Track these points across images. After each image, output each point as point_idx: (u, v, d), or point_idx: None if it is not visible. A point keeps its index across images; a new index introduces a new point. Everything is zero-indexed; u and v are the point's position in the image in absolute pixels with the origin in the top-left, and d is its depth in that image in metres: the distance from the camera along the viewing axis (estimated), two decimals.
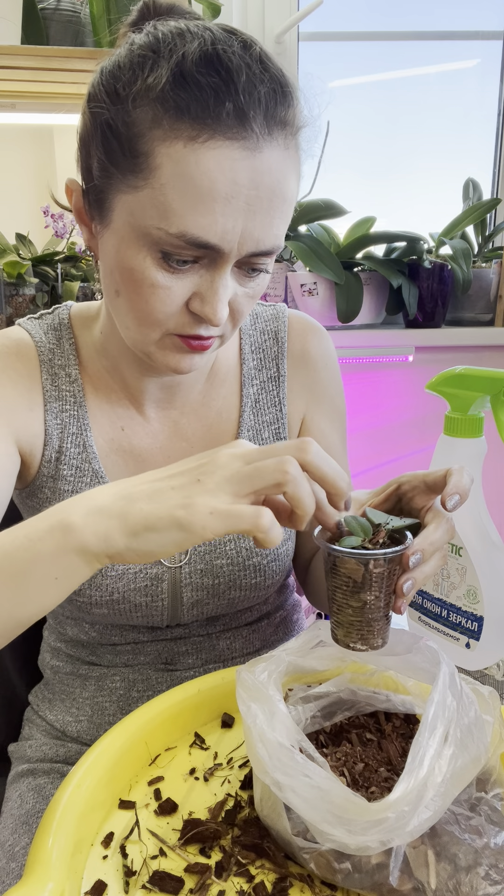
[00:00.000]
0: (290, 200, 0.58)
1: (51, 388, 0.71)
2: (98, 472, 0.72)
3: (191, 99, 0.52)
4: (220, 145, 0.53)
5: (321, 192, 1.53)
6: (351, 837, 0.41)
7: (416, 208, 1.80)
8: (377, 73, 1.75)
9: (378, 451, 1.68)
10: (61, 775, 0.75)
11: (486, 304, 1.66)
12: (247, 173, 0.54)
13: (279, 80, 0.55)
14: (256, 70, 0.54)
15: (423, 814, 0.41)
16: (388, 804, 0.41)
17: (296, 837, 0.45)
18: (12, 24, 1.35)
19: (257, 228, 0.56)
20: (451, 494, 0.51)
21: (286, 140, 0.56)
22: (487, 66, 1.74)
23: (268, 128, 0.54)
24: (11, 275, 1.39)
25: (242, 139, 0.53)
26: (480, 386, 0.64)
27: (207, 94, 0.52)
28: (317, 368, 0.80)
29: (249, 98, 0.53)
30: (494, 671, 0.69)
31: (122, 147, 0.55)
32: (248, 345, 0.78)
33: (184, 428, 0.75)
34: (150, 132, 0.53)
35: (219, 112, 0.52)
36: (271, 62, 0.56)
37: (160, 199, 0.54)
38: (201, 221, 0.54)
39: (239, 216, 0.54)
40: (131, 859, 0.48)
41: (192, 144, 0.53)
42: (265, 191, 0.55)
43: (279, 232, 0.58)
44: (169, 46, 0.54)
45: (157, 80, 0.53)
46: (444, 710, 0.45)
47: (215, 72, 0.53)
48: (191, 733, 0.61)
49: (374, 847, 0.41)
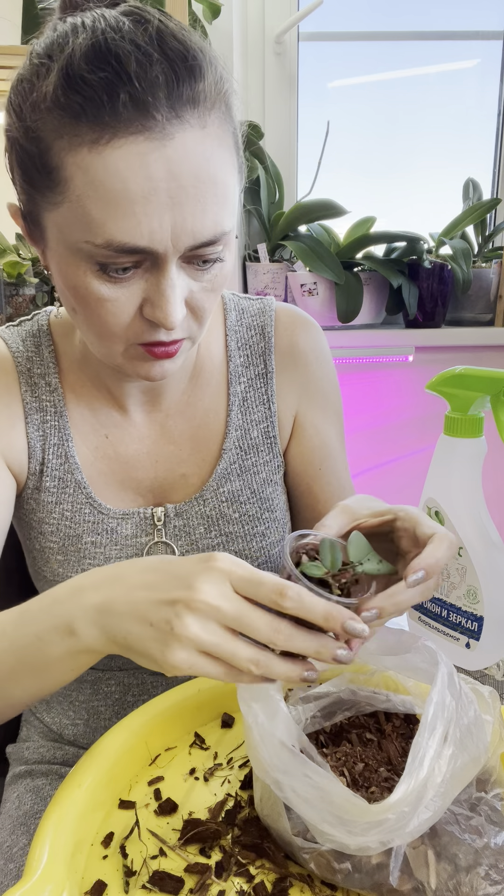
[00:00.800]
0: (222, 180, 0.53)
1: (31, 400, 0.70)
2: (81, 483, 0.71)
3: (84, 100, 0.49)
4: (125, 142, 0.49)
5: (321, 192, 1.53)
6: (351, 838, 0.41)
7: (416, 208, 1.80)
8: (377, 73, 1.75)
9: (378, 451, 1.68)
10: (59, 776, 0.75)
11: (486, 304, 1.66)
12: (160, 164, 0.50)
13: (180, 55, 0.50)
14: (150, 50, 0.49)
15: (422, 814, 0.41)
16: (388, 806, 0.41)
17: (296, 837, 0.45)
18: (12, 24, 1.34)
19: (188, 220, 0.52)
20: (416, 570, 0.46)
21: (201, 118, 0.51)
22: (487, 66, 1.74)
23: (175, 111, 0.50)
24: (11, 275, 1.39)
25: (147, 130, 0.49)
26: (480, 386, 0.64)
27: (100, 90, 0.48)
28: (307, 363, 0.77)
29: (145, 84, 0.48)
30: (494, 671, 0.69)
31: (34, 165, 0.52)
32: (234, 341, 0.76)
33: (171, 430, 0.74)
34: (56, 143, 0.50)
35: (115, 107, 0.48)
36: (172, 35, 0.50)
37: (79, 212, 0.51)
38: (124, 226, 0.50)
39: (164, 212, 0.51)
40: (131, 859, 0.48)
41: (96, 148, 0.49)
42: (187, 178, 0.51)
43: (218, 218, 0.53)
44: (60, 47, 0.50)
45: (48, 87, 0.50)
46: (444, 711, 0.44)
47: (105, 63, 0.48)
48: (191, 733, 0.61)
49: (374, 847, 0.41)
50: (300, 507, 0.80)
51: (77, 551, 0.70)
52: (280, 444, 0.77)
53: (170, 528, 0.72)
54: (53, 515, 0.71)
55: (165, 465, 0.73)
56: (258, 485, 0.74)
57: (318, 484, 0.77)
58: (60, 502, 0.71)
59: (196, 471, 0.74)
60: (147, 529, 0.72)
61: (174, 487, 0.73)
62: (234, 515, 0.73)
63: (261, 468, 0.75)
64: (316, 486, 0.77)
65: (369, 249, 1.58)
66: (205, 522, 0.72)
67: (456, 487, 0.66)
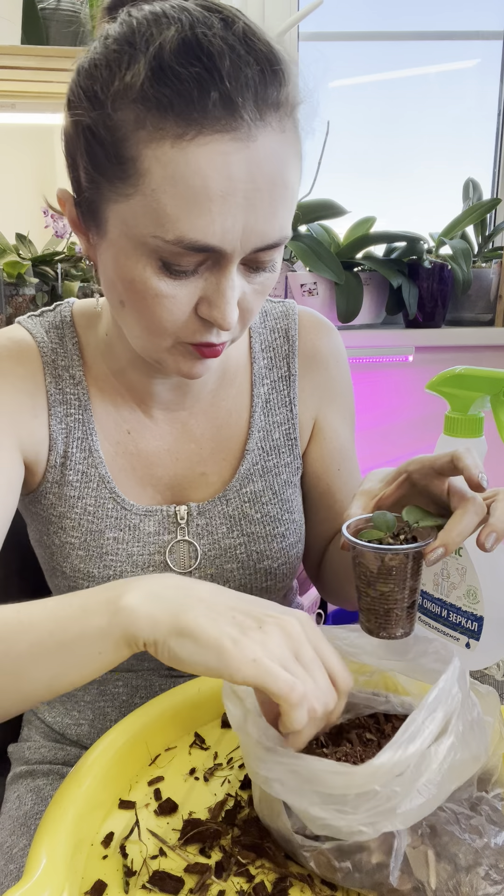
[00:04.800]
0: (292, 186, 0.54)
1: (55, 392, 0.69)
2: (104, 477, 0.70)
3: (173, 94, 0.48)
4: (210, 140, 0.49)
5: (321, 192, 1.53)
6: (342, 818, 0.41)
7: (416, 208, 1.80)
8: (377, 73, 1.75)
9: (378, 451, 1.68)
10: (60, 777, 0.75)
11: (486, 304, 1.66)
12: (242, 166, 0.50)
13: (268, 59, 0.51)
14: (241, 51, 0.49)
15: (415, 799, 0.41)
16: (373, 768, 0.41)
17: (296, 835, 0.45)
18: (12, 24, 1.34)
19: (260, 222, 0.52)
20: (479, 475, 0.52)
21: (281, 122, 0.52)
22: (487, 66, 1.74)
23: (259, 113, 0.50)
24: (11, 275, 1.39)
25: (233, 130, 0.49)
26: (480, 386, 0.64)
27: (190, 85, 0.48)
28: (328, 367, 0.78)
29: (236, 83, 0.49)
30: (494, 671, 0.69)
31: (107, 154, 0.52)
32: (258, 343, 0.76)
33: (192, 429, 0.74)
34: (135, 135, 0.50)
35: (204, 104, 0.48)
36: (258, 38, 0.51)
37: (153, 206, 0.51)
38: (198, 224, 0.51)
39: (238, 213, 0.51)
40: (131, 859, 0.48)
41: (179, 143, 0.49)
42: (264, 182, 0.51)
43: (284, 222, 0.55)
44: (145, 37, 0.50)
45: (136, 77, 0.49)
46: (448, 697, 0.44)
47: (196, 59, 0.49)
48: (191, 733, 0.61)
49: (367, 832, 0.41)
50: (317, 508, 0.80)
51: (99, 547, 0.70)
52: (300, 446, 0.78)
53: (192, 526, 0.72)
54: (75, 510, 0.70)
55: (186, 463, 0.73)
56: (279, 486, 0.75)
57: (337, 485, 0.79)
58: (83, 497, 0.70)
59: (216, 470, 0.74)
60: (170, 527, 0.72)
61: (193, 486, 0.73)
62: (255, 516, 0.73)
63: (282, 469, 0.76)
64: (335, 487, 0.79)
65: (369, 249, 1.58)
66: (227, 522, 0.72)
67: None
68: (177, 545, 0.72)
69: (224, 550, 0.72)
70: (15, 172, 1.74)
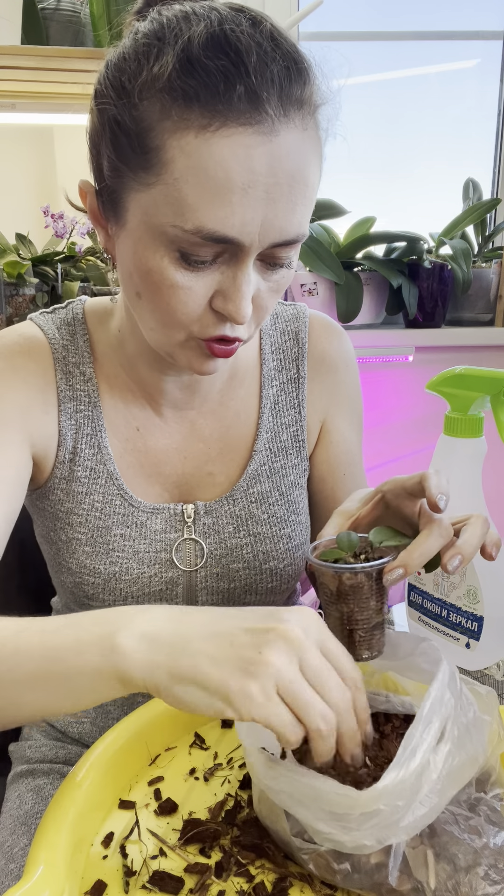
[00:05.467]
0: (312, 184, 0.55)
1: (65, 388, 0.70)
2: (113, 474, 0.70)
3: (199, 85, 0.50)
4: (234, 132, 0.50)
5: (321, 192, 1.52)
6: (346, 834, 0.41)
7: (416, 208, 1.80)
8: (377, 73, 1.75)
9: (378, 451, 1.68)
10: (61, 776, 0.75)
11: (486, 304, 1.66)
12: (264, 159, 0.51)
13: (292, 57, 0.52)
14: (268, 48, 0.51)
15: (418, 810, 0.41)
16: (377, 792, 0.41)
17: (294, 838, 0.45)
18: (12, 24, 1.34)
19: (279, 217, 0.53)
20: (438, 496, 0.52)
21: (304, 120, 0.53)
22: (487, 66, 1.74)
23: (283, 109, 0.51)
24: (11, 275, 1.39)
25: (257, 123, 0.50)
26: (480, 386, 0.64)
27: (217, 78, 0.49)
28: (337, 370, 0.78)
29: (262, 79, 0.50)
30: (494, 671, 0.69)
31: (131, 143, 0.53)
32: (268, 345, 0.77)
33: (201, 428, 0.74)
34: (160, 125, 0.51)
35: (230, 96, 0.49)
36: (283, 38, 0.53)
37: (174, 195, 0.52)
38: (218, 214, 0.51)
39: (258, 206, 0.52)
40: (131, 859, 0.48)
41: (203, 134, 0.50)
42: (284, 176, 0.52)
43: (303, 219, 0.55)
44: (174, 32, 0.51)
45: (163, 68, 0.50)
46: (441, 706, 0.44)
47: (224, 54, 0.50)
48: (191, 733, 0.61)
49: (371, 845, 0.41)
50: (322, 511, 0.80)
51: (105, 543, 0.70)
52: (307, 448, 0.78)
53: (199, 525, 0.72)
54: (83, 506, 0.70)
55: (193, 461, 0.73)
56: (286, 487, 0.75)
57: (342, 489, 0.79)
58: (91, 493, 0.70)
59: (223, 469, 0.74)
60: (177, 525, 0.72)
61: (200, 485, 0.73)
62: (262, 516, 0.73)
63: (289, 471, 0.76)
64: (339, 491, 0.79)
65: (369, 249, 1.58)
66: (234, 522, 0.73)
67: (456, 487, 0.66)
68: (183, 543, 0.72)
69: (230, 550, 0.72)
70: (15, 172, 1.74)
